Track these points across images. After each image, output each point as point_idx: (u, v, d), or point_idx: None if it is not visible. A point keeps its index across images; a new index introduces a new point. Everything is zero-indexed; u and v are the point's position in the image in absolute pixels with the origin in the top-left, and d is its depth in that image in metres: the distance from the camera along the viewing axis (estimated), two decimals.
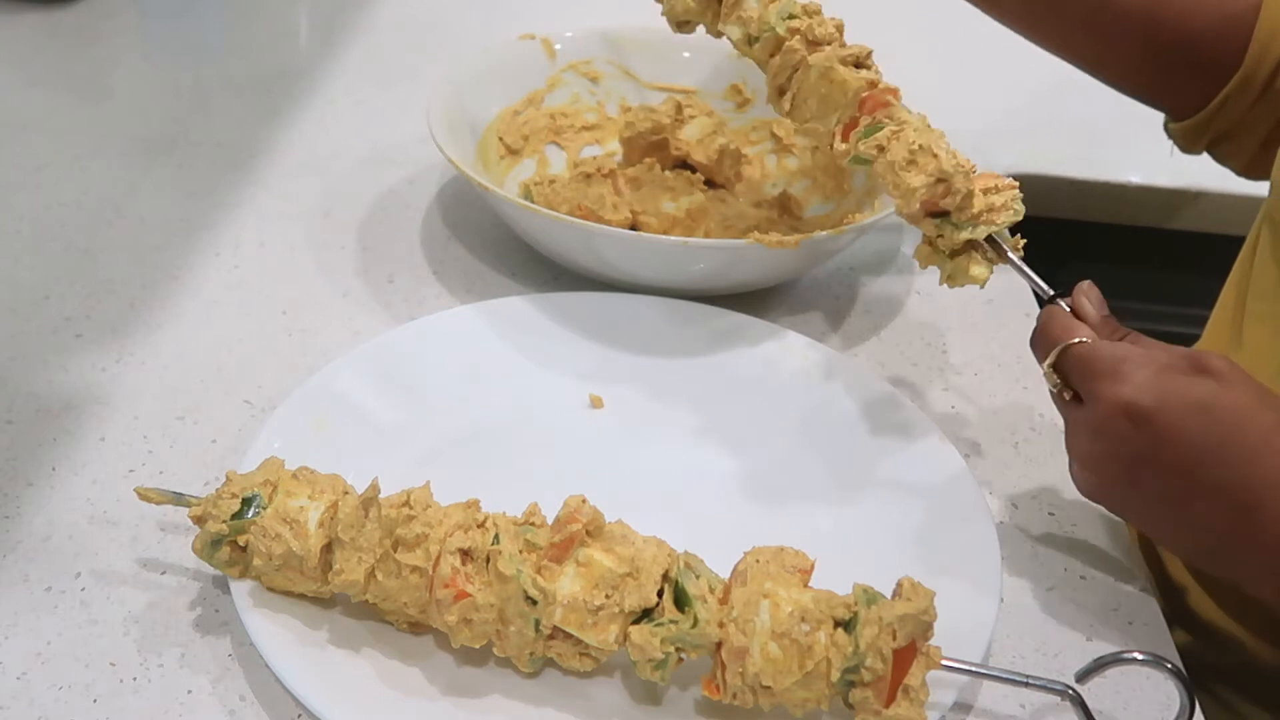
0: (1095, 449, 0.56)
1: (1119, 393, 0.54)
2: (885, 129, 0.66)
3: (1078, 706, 0.53)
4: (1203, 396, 0.53)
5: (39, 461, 0.66)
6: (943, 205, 0.63)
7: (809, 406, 0.71)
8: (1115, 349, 0.56)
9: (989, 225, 0.63)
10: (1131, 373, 0.54)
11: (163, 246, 0.83)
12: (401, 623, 0.56)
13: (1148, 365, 0.54)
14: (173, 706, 0.54)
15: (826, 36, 0.69)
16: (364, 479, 0.57)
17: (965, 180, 0.63)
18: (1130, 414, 0.54)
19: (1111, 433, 0.55)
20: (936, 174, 0.63)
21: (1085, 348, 0.56)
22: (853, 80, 0.67)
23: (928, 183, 0.63)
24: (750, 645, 0.51)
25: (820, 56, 0.68)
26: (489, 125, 0.89)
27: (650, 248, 0.75)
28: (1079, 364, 0.57)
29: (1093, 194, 1.03)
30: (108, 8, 1.12)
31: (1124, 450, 0.55)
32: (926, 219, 0.64)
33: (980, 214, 0.63)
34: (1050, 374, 0.58)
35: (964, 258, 0.65)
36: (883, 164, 0.65)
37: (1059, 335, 0.58)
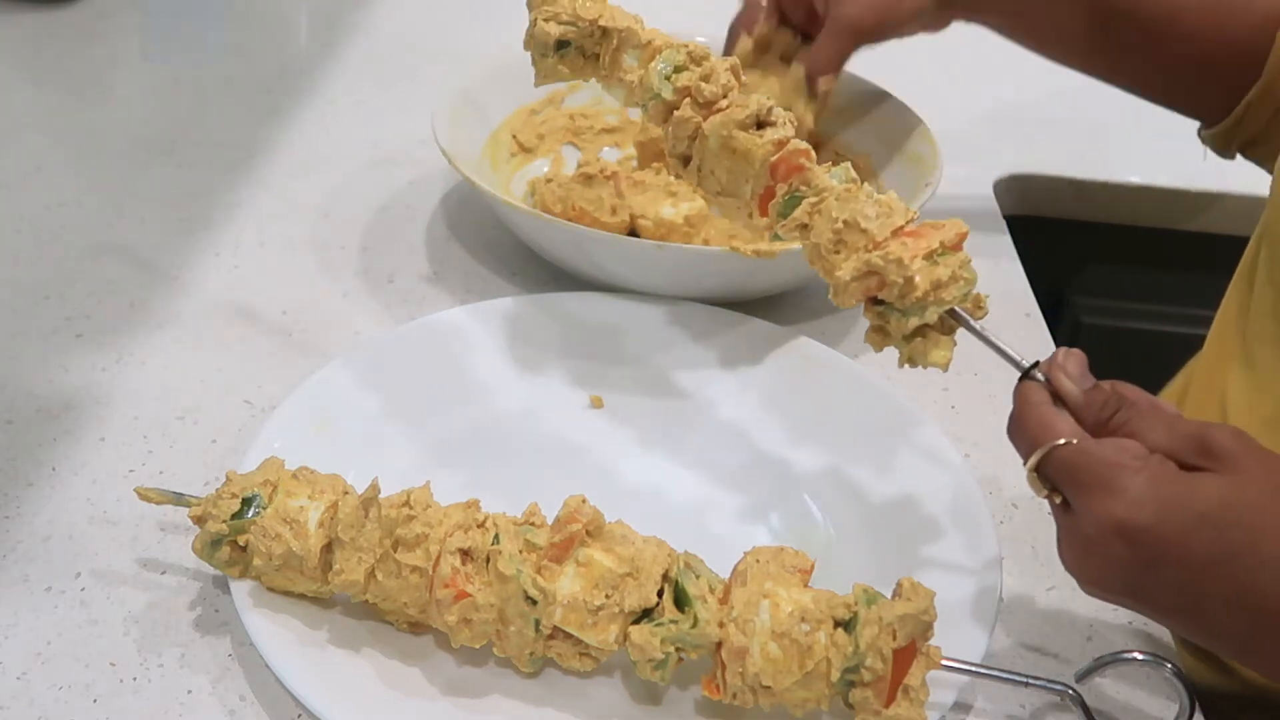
0: (1090, 562, 0.51)
1: (1111, 510, 0.48)
2: (804, 202, 0.58)
3: (1078, 706, 0.53)
4: (1208, 505, 0.48)
5: (39, 461, 0.66)
6: (881, 296, 0.56)
7: (809, 406, 0.71)
8: (1105, 453, 0.49)
9: (939, 305, 0.56)
10: (1124, 484, 0.48)
11: (163, 246, 0.83)
12: (401, 623, 0.56)
13: (1142, 470, 0.49)
14: (173, 706, 0.54)
15: (719, 92, 0.60)
16: (364, 479, 0.57)
17: (899, 269, 0.55)
18: (1125, 534, 0.48)
19: (1106, 550, 0.49)
20: (865, 267, 0.56)
21: (1069, 452, 0.50)
22: (757, 147, 0.59)
23: (857, 275, 0.56)
24: (750, 645, 0.51)
25: (715, 123, 0.60)
26: (503, 123, 0.89)
27: (630, 251, 0.74)
28: (1064, 472, 0.51)
29: (1093, 194, 1.03)
30: (108, 8, 1.12)
31: (1122, 568, 0.50)
32: (869, 308, 0.57)
33: (927, 294, 0.55)
34: (1034, 479, 0.52)
35: (919, 340, 0.57)
36: (809, 249, 0.58)
37: (1038, 435, 0.52)
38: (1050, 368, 0.54)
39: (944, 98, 0.82)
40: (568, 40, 0.63)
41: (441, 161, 0.80)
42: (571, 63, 0.64)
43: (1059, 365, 0.54)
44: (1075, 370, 0.53)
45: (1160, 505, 0.48)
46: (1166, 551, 0.48)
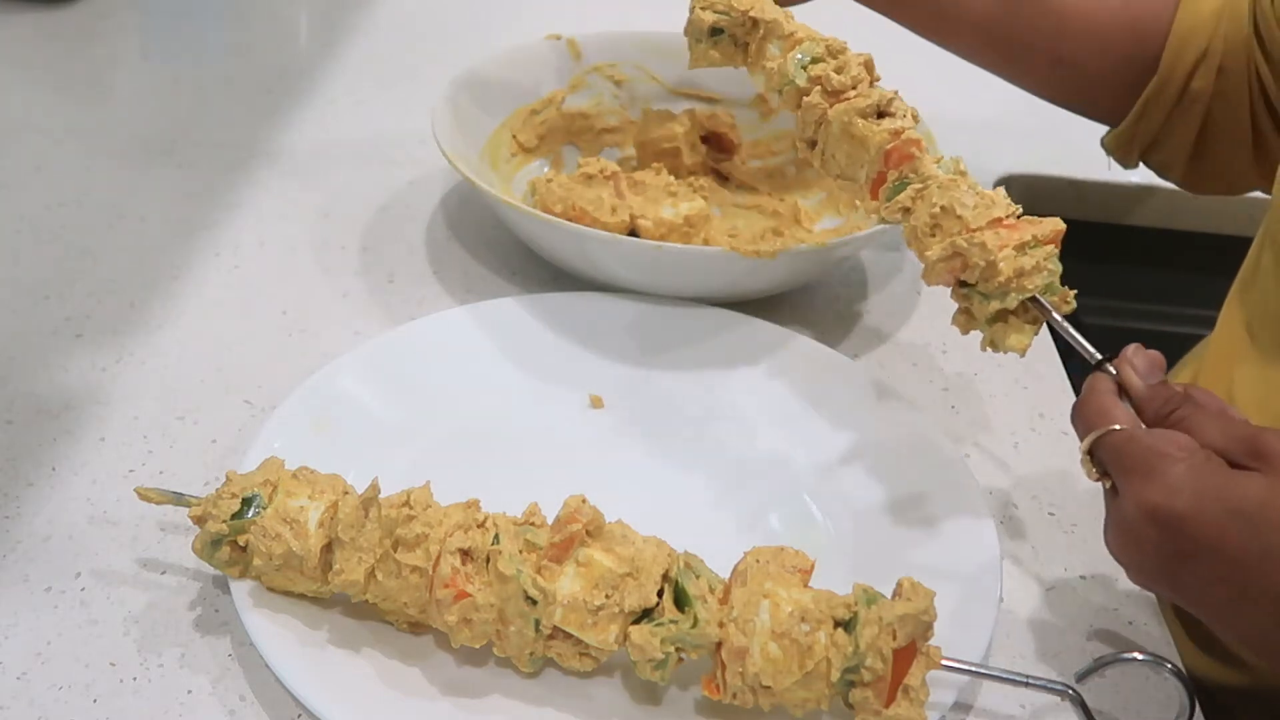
0: (1128, 547, 0.52)
1: (1149, 495, 0.49)
2: (909, 188, 0.62)
3: (1078, 706, 0.53)
4: (1246, 500, 0.48)
5: (39, 461, 0.66)
6: (963, 278, 0.60)
7: (809, 407, 0.71)
8: (1153, 441, 0.51)
9: (1020, 292, 0.59)
10: (1165, 471, 0.49)
11: (163, 246, 0.83)
12: (401, 623, 0.56)
13: (1185, 460, 0.49)
14: (173, 706, 0.54)
15: (848, 83, 0.65)
16: (364, 479, 0.57)
17: (982, 253, 0.59)
18: (1159, 520, 0.49)
19: (1143, 535, 0.50)
20: (951, 249, 0.60)
21: (1119, 438, 0.52)
22: (874, 135, 0.64)
23: (944, 256, 0.60)
24: (750, 645, 0.51)
25: (839, 110, 0.65)
26: (503, 123, 0.89)
27: (630, 251, 0.74)
28: (1112, 455, 0.52)
29: (1093, 194, 1.03)
30: (108, 8, 1.12)
31: (1157, 553, 0.50)
32: (955, 289, 0.61)
33: (1009, 280, 0.59)
34: (1086, 462, 0.54)
35: (1001, 325, 0.60)
36: (909, 229, 0.62)
37: (1094, 420, 0.53)
38: (1120, 361, 0.56)
39: (944, 98, 0.82)
40: (721, 28, 0.70)
41: (441, 161, 0.80)
42: (723, 49, 0.71)
43: (1128, 359, 0.55)
44: (1143, 365, 0.55)
45: (1197, 495, 0.48)
46: (1200, 541, 0.48)
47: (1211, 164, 0.77)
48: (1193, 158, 0.77)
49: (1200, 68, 0.74)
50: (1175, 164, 0.78)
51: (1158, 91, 0.75)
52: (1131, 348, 0.56)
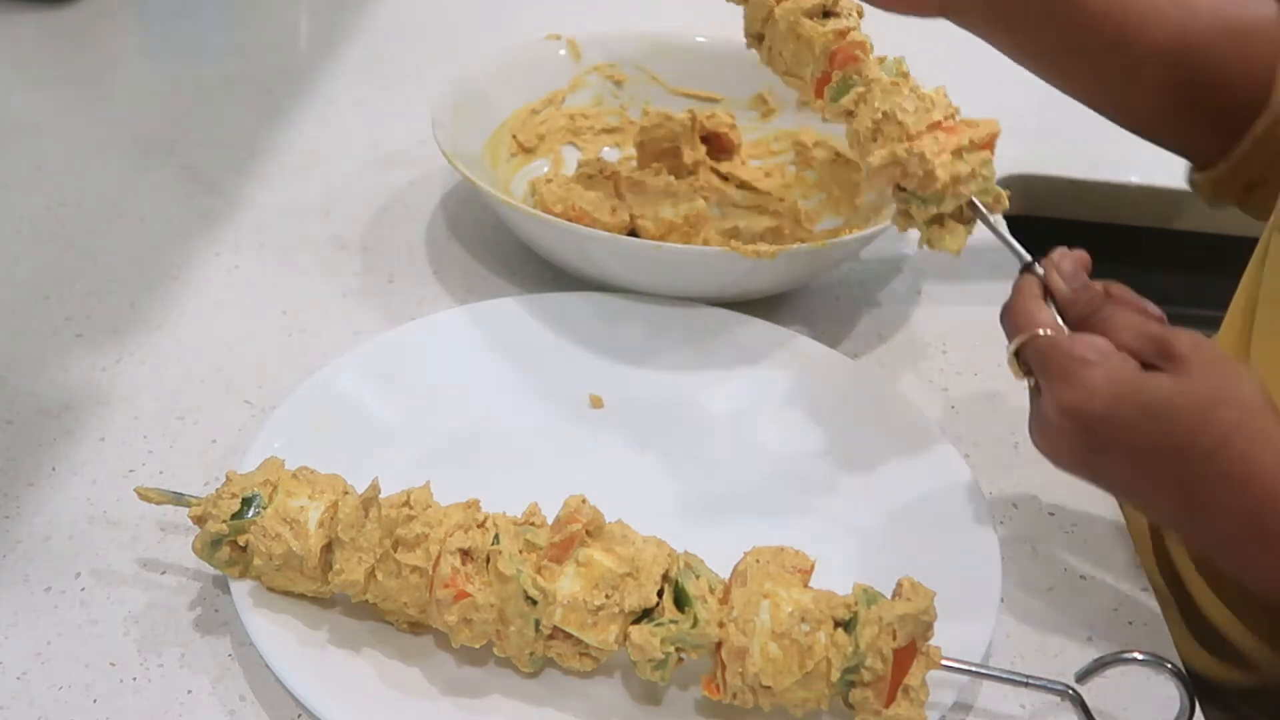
0: (1050, 442, 0.56)
1: (1069, 397, 0.53)
2: (853, 90, 0.64)
3: (1078, 706, 0.53)
4: (1156, 399, 0.52)
5: (39, 461, 0.66)
6: (902, 184, 0.62)
7: (809, 407, 0.71)
8: (1072, 346, 0.54)
9: (955, 198, 0.62)
10: (1084, 375, 0.53)
11: (163, 246, 0.83)
12: (401, 623, 0.56)
13: (1102, 364, 0.53)
14: (173, 706, 0.54)
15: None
16: (364, 479, 0.57)
17: (920, 163, 0.61)
18: (1078, 418, 0.53)
19: (1063, 431, 0.54)
20: (890, 158, 0.62)
21: (1042, 342, 0.56)
22: (818, 35, 0.65)
23: (884, 164, 0.62)
24: (750, 645, 0.51)
25: (785, 9, 0.66)
26: (503, 123, 0.89)
27: (630, 251, 0.74)
28: (1036, 359, 0.56)
29: (1093, 194, 1.03)
30: (108, 8, 1.12)
31: (1074, 447, 0.55)
32: (895, 192, 0.64)
33: (946, 186, 0.61)
34: (1013, 362, 0.58)
35: (937, 227, 0.63)
36: (851, 132, 0.64)
37: (1020, 323, 0.57)
38: (1047, 264, 0.59)
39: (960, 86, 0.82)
40: None
41: (441, 161, 0.80)
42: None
43: (1054, 262, 0.58)
44: (1068, 268, 0.58)
45: (1111, 396, 0.53)
46: (1113, 437, 0.53)
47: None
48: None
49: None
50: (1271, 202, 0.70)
51: (1270, 129, 0.69)
52: (1058, 251, 0.59)
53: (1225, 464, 0.52)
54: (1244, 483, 0.52)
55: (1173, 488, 0.54)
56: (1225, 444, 0.52)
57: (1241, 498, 0.53)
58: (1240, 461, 0.52)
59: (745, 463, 0.69)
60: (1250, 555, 0.55)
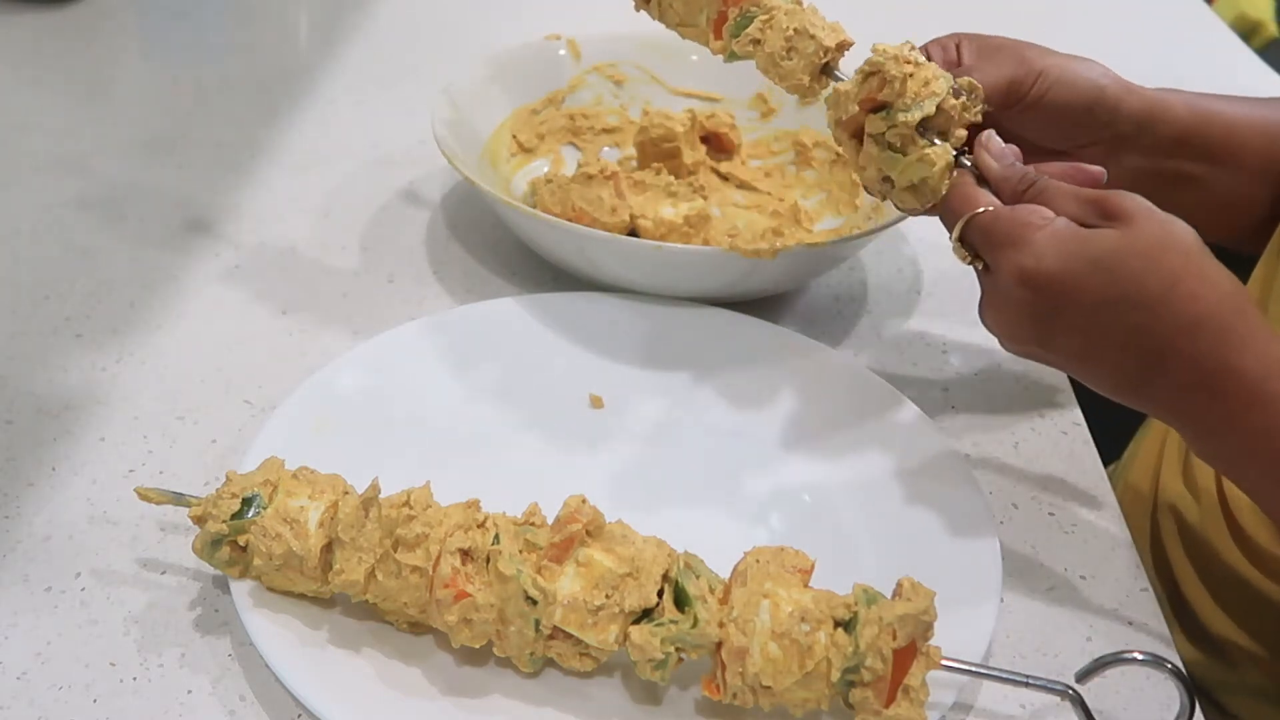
0: (1002, 315, 0.57)
1: (1018, 261, 0.54)
2: (755, 20, 0.64)
3: (1078, 706, 0.53)
4: (1103, 251, 0.53)
5: (39, 461, 0.66)
6: (881, 98, 0.60)
7: (809, 407, 0.71)
8: (1015, 214, 0.55)
9: (932, 98, 0.59)
10: (1030, 238, 0.54)
11: (163, 246, 0.83)
12: (401, 623, 0.56)
13: (1045, 228, 0.54)
14: (173, 706, 0.54)
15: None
16: (364, 479, 0.57)
17: (898, 65, 0.59)
18: (1030, 281, 0.54)
19: (1016, 299, 0.55)
20: (868, 68, 0.60)
21: (985, 217, 0.56)
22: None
23: (860, 80, 0.60)
24: (750, 645, 0.51)
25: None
26: (503, 123, 0.89)
27: (630, 251, 0.74)
28: (981, 235, 0.56)
29: None
30: (108, 8, 1.12)
31: (1030, 314, 0.55)
32: (870, 116, 0.61)
33: (919, 91, 0.59)
34: (958, 248, 0.58)
35: (914, 146, 0.60)
36: (763, 58, 0.64)
37: (960, 207, 0.57)
38: (975, 149, 0.59)
39: None
40: None
41: (441, 161, 0.80)
42: None
43: (983, 144, 0.59)
44: (996, 150, 0.59)
45: (1060, 255, 0.53)
46: (1065, 295, 0.54)
47: None
48: None
49: None
50: None
51: None
52: (984, 135, 0.59)
53: (1176, 305, 0.53)
54: (1196, 327, 0.53)
55: (1128, 341, 0.54)
56: (1174, 288, 0.53)
57: (1194, 343, 0.53)
58: (1190, 301, 0.53)
59: (745, 462, 0.69)
60: (1210, 413, 0.54)
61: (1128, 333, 0.54)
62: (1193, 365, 0.53)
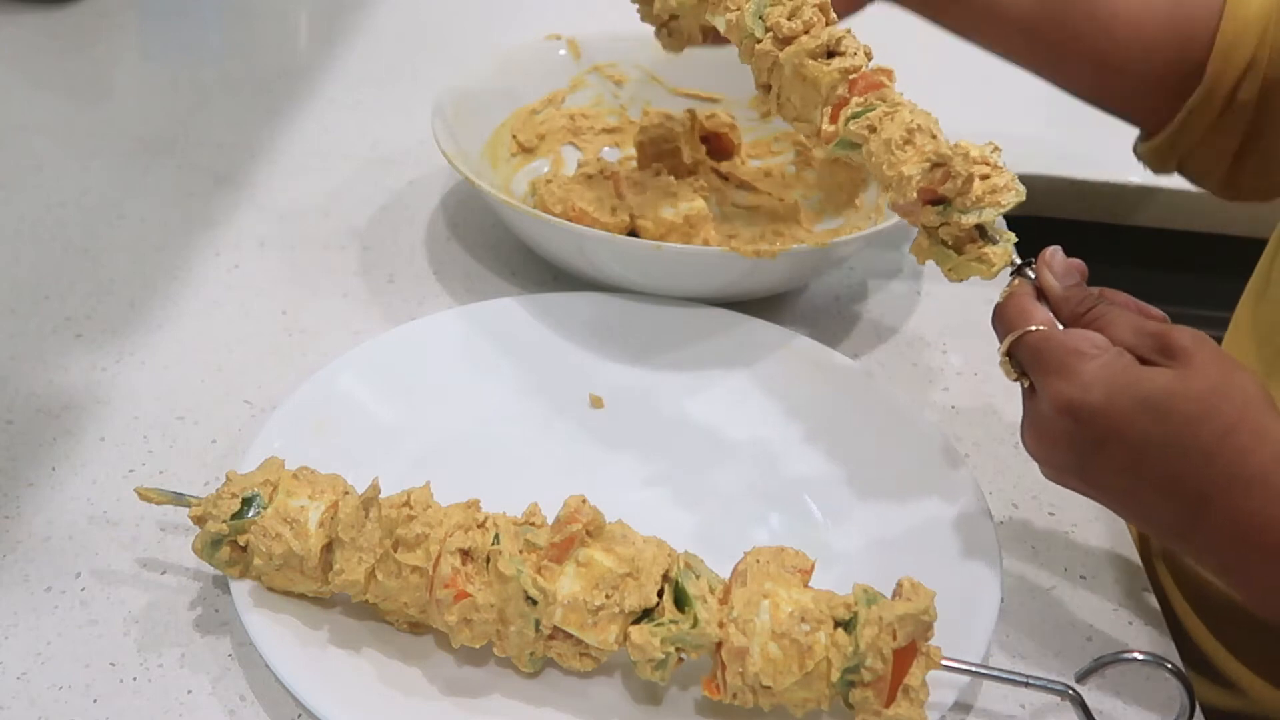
0: (1043, 442, 0.55)
1: (1064, 390, 0.52)
2: (877, 109, 0.62)
3: (1078, 706, 0.53)
4: (1155, 391, 0.51)
5: (39, 461, 0.66)
6: (942, 192, 0.59)
7: (808, 407, 0.71)
8: (1067, 339, 0.53)
9: (995, 207, 0.59)
10: (1079, 368, 0.52)
11: (163, 246, 0.83)
12: (401, 623, 0.56)
13: (1099, 356, 0.52)
14: (173, 706, 0.54)
15: (799, 28, 0.64)
16: (364, 479, 0.57)
17: (965, 163, 0.58)
18: (1074, 412, 0.52)
19: (1058, 429, 0.53)
20: (934, 157, 0.59)
21: (1036, 337, 0.54)
22: (824, 75, 0.63)
23: (924, 169, 0.59)
24: (750, 645, 0.51)
25: (789, 53, 0.64)
26: (503, 123, 0.89)
27: (630, 251, 0.74)
28: (1030, 355, 0.55)
29: (1093, 194, 1.03)
30: (108, 8, 1.12)
31: (1071, 446, 0.53)
32: (925, 208, 0.60)
33: (983, 196, 0.59)
34: (1005, 363, 0.56)
35: (972, 245, 0.60)
36: (876, 143, 0.61)
37: (1013, 321, 0.56)
38: (1038, 265, 0.57)
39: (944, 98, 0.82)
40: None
41: (441, 161, 0.80)
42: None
43: (1045, 261, 0.57)
44: (1059, 267, 0.57)
45: (1108, 390, 0.51)
46: (1110, 431, 0.51)
47: (1250, 172, 0.76)
48: (1232, 167, 0.76)
49: (1246, 79, 0.72)
50: (1213, 173, 0.76)
51: (1202, 102, 0.73)
52: (1048, 251, 0.57)
53: (1227, 461, 0.50)
54: (1246, 484, 0.50)
55: (1172, 488, 0.52)
56: (1227, 439, 0.50)
57: (1244, 500, 0.50)
58: (1242, 458, 0.50)
59: (745, 463, 0.69)
60: (1252, 568, 0.53)
61: (1172, 479, 0.51)
62: (1241, 520, 0.51)
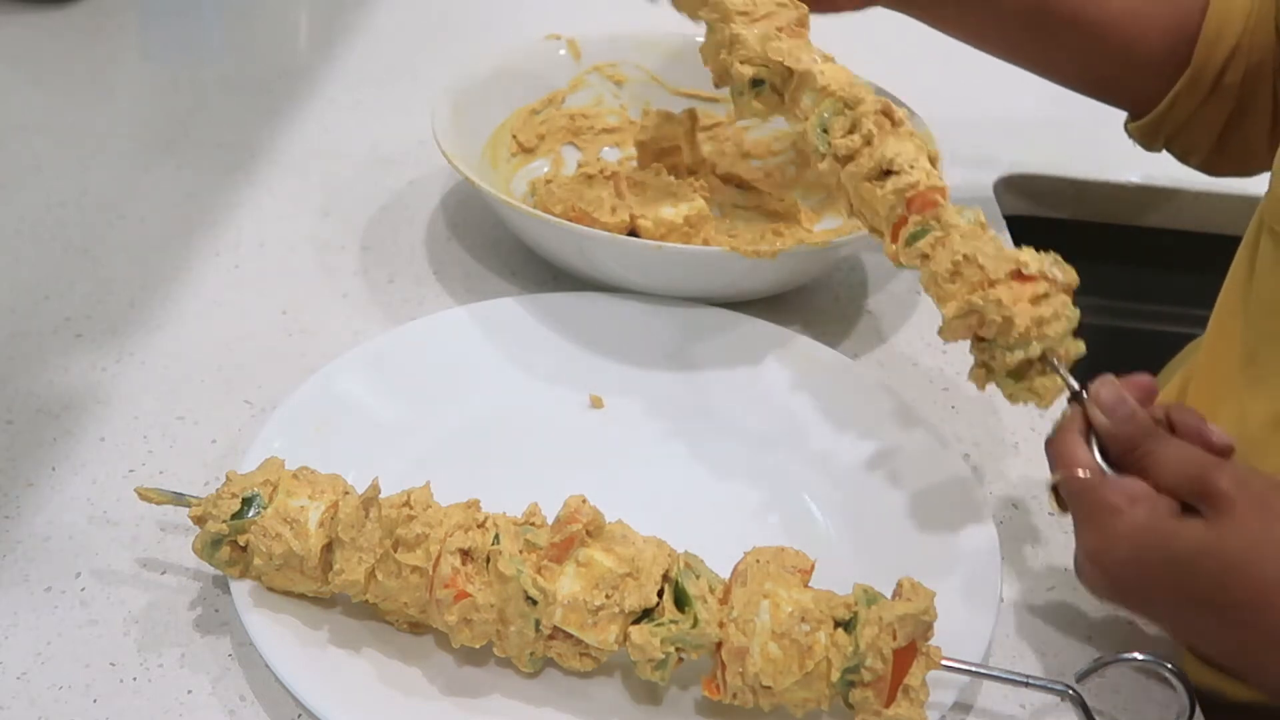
0: (1085, 583, 0.56)
1: (1093, 544, 0.53)
2: (929, 234, 0.62)
3: (1078, 706, 0.53)
4: (1184, 550, 0.51)
5: (39, 461, 0.66)
6: (981, 334, 0.60)
7: (808, 407, 0.71)
8: (1102, 493, 0.53)
9: (1041, 341, 0.58)
10: (1108, 525, 0.52)
11: (163, 246, 0.83)
12: (401, 623, 0.56)
13: (1129, 511, 0.52)
14: (173, 706, 0.54)
15: (858, 144, 0.65)
16: (364, 479, 0.57)
17: (998, 309, 0.58)
18: (1102, 567, 0.53)
19: (1092, 576, 0.55)
20: (966, 306, 0.59)
21: (1076, 485, 0.55)
22: (879, 198, 0.64)
23: (960, 314, 0.60)
24: (750, 645, 0.51)
25: (846, 175, 0.65)
26: (503, 123, 0.89)
27: (630, 251, 0.74)
28: (1070, 500, 0.56)
29: (1093, 194, 1.03)
30: (108, 8, 1.12)
31: (1107, 591, 0.55)
32: (975, 344, 0.61)
33: (1029, 330, 0.58)
34: (1050, 498, 0.57)
35: (1023, 379, 0.60)
36: (926, 274, 0.62)
37: (1058, 460, 0.56)
38: (1087, 398, 0.57)
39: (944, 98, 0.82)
40: (761, 80, 0.69)
41: (441, 161, 0.80)
42: (765, 99, 0.70)
43: (1093, 395, 0.56)
44: (1108, 398, 0.56)
45: (1133, 549, 0.52)
46: (1140, 587, 0.53)
47: (1234, 149, 0.78)
48: (1215, 145, 0.78)
49: (1232, 62, 0.74)
50: (1198, 150, 0.79)
51: (1190, 85, 0.75)
52: (1098, 382, 0.57)
53: (1270, 619, 0.49)
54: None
55: (1220, 638, 0.52)
56: (1266, 596, 0.49)
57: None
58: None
59: (745, 463, 0.69)
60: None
61: (1218, 631, 0.52)
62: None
